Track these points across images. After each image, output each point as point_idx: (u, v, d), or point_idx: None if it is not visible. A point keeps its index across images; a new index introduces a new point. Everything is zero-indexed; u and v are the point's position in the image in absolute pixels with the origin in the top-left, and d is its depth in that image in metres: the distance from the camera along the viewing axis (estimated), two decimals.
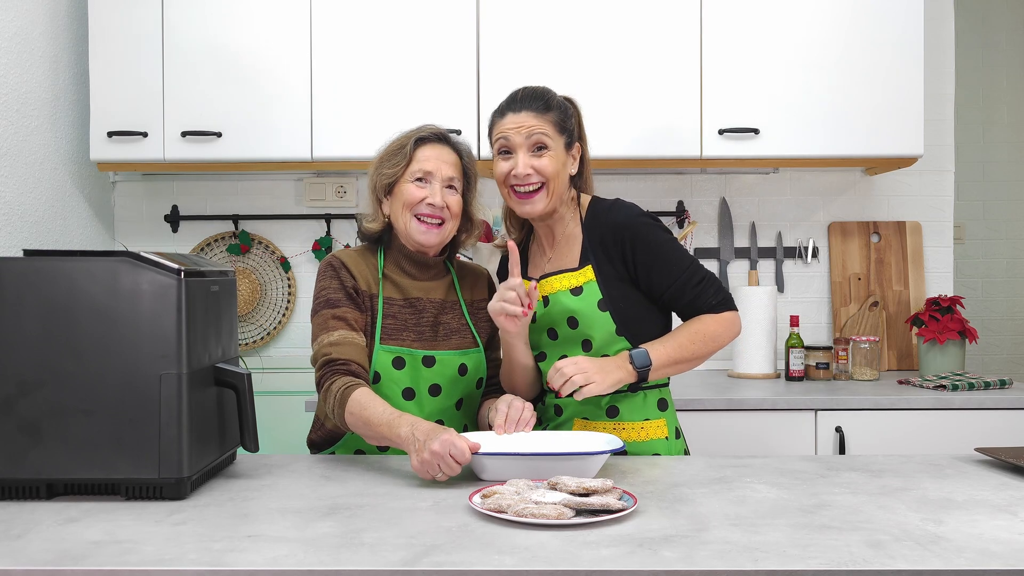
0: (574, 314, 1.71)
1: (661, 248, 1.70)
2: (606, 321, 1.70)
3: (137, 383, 1.39)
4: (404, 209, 1.74)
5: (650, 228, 1.71)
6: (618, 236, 1.70)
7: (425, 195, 1.73)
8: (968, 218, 4.12)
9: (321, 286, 1.75)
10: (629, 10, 2.71)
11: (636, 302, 1.72)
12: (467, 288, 1.87)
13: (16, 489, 1.39)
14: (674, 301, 1.72)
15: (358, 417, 1.57)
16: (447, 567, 1.07)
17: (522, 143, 1.69)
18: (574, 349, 1.73)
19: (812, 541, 1.16)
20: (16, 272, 1.39)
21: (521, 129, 1.69)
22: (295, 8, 2.72)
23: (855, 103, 2.69)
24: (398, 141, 1.79)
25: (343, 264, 1.75)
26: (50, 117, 2.70)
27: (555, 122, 1.71)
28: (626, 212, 1.73)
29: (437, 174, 1.74)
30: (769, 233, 3.12)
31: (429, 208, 1.73)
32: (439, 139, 1.79)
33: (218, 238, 3.12)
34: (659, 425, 1.75)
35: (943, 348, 2.78)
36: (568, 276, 1.73)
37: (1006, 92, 4.14)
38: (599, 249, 1.72)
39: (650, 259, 1.69)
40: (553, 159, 1.70)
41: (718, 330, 1.70)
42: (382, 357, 1.72)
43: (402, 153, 1.76)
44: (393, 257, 1.81)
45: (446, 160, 1.76)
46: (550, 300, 1.74)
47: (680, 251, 1.71)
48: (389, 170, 1.76)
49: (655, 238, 1.70)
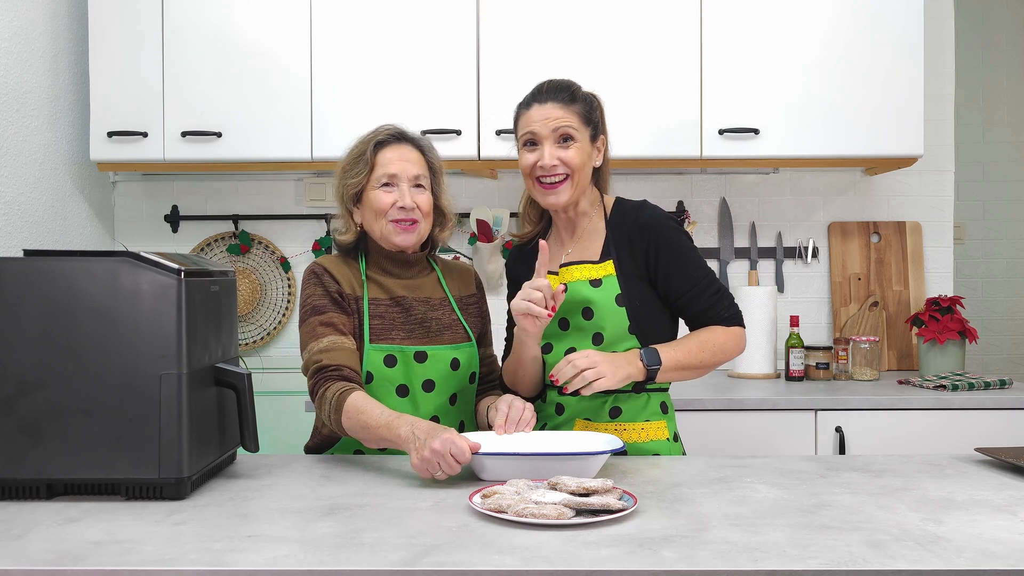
0: (591, 305, 1.71)
1: (684, 253, 1.72)
2: (621, 317, 1.70)
3: (137, 383, 1.39)
4: (377, 216, 1.73)
5: (676, 232, 1.73)
6: (644, 235, 1.72)
7: (394, 199, 1.72)
8: (968, 218, 4.12)
9: (306, 294, 1.74)
10: (629, 10, 2.71)
11: (651, 302, 1.73)
12: (454, 285, 1.87)
13: (16, 489, 1.39)
14: (688, 307, 1.73)
15: (355, 422, 1.57)
16: (447, 567, 1.07)
17: (548, 135, 1.70)
18: (583, 342, 1.72)
19: (812, 541, 1.16)
20: (16, 272, 1.39)
21: (548, 121, 1.70)
22: (295, 8, 2.72)
23: (855, 103, 2.69)
24: (357, 148, 1.77)
25: (325, 270, 1.74)
26: (50, 117, 2.70)
27: (581, 114, 1.73)
28: (654, 213, 1.76)
29: (403, 175, 1.73)
30: (769, 233, 3.12)
31: (401, 212, 1.72)
32: (398, 139, 1.78)
33: (218, 238, 3.12)
34: (660, 427, 1.75)
35: (943, 348, 2.78)
36: (589, 267, 1.74)
37: (1006, 92, 4.14)
38: (623, 245, 1.73)
39: (672, 262, 1.71)
40: (579, 151, 1.71)
41: (727, 343, 1.72)
42: (373, 356, 1.71)
43: (363, 160, 1.75)
44: (373, 260, 1.80)
45: (409, 159, 1.75)
46: (568, 288, 1.72)
47: (700, 260, 1.75)
48: (353, 179, 1.75)
49: (679, 243, 1.73)
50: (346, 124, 2.71)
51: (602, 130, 1.79)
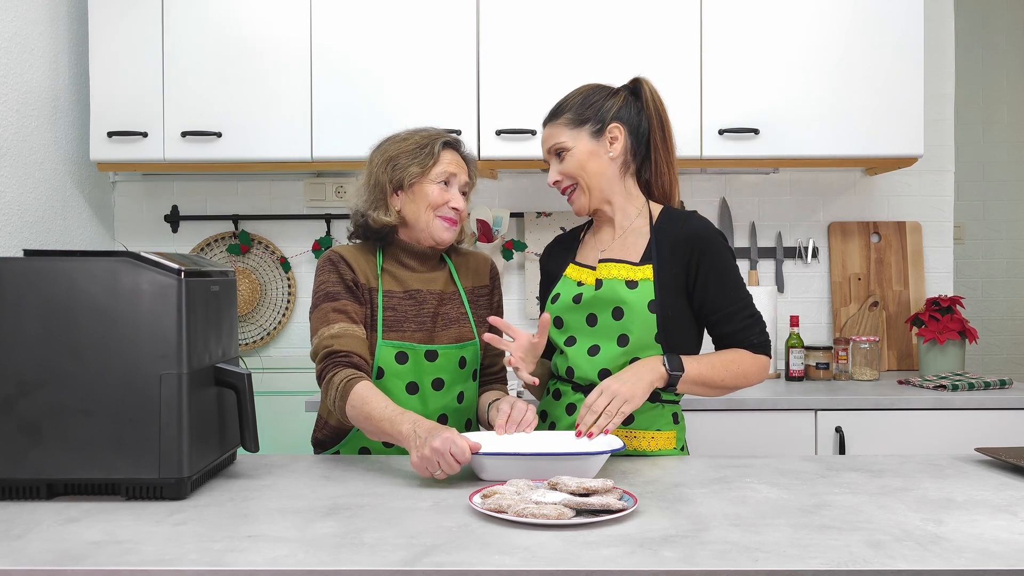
0: (623, 306, 1.68)
1: (727, 270, 1.71)
2: (651, 323, 1.67)
3: (137, 383, 1.39)
4: (427, 209, 1.77)
5: (722, 247, 1.72)
6: (690, 244, 1.69)
7: (449, 198, 1.78)
8: (968, 218, 4.12)
9: (320, 280, 1.75)
10: (629, 10, 2.71)
11: (683, 314, 1.70)
12: (467, 276, 1.88)
13: (16, 489, 1.39)
14: (719, 325, 1.72)
15: (359, 411, 1.57)
16: (447, 567, 1.07)
17: (549, 157, 1.79)
18: (609, 342, 1.70)
19: (812, 541, 1.16)
20: (16, 272, 1.39)
21: (545, 144, 1.81)
22: (295, 8, 2.72)
23: (855, 103, 2.69)
24: (417, 140, 1.80)
25: (342, 258, 1.76)
26: (50, 117, 2.70)
27: (568, 122, 1.75)
28: (704, 224, 1.74)
29: (459, 179, 1.80)
30: (769, 233, 3.12)
31: (452, 212, 1.78)
32: (456, 145, 1.85)
33: (218, 238, 3.12)
34: (669, 437, 1.73)
35: (943, 348, 2.78)
36: (627, 267, 1.72)
37: (1006, 92, 4.14)
38: (665, 253, 1.70)
39: (713, 276, 1.69)
40: (571, 157, 1.74)
41: (751, 369, 1.71)
42: (385, 352, 1.72)
43: (429, 152, 1.78)
44: (392, 252, 1.82)
45: (463, 166, 1.83)
46: (603, 284, 1.71)
47: (741, 282, 1.73)
48: (415, 168, 1.77)
49: (724, 258, 1.71)
50: (346, 124, 2.72)
51: (612, 119, 1.74)
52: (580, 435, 1.56)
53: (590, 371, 1.71)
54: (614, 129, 1.74)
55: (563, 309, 1.75)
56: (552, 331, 1.77)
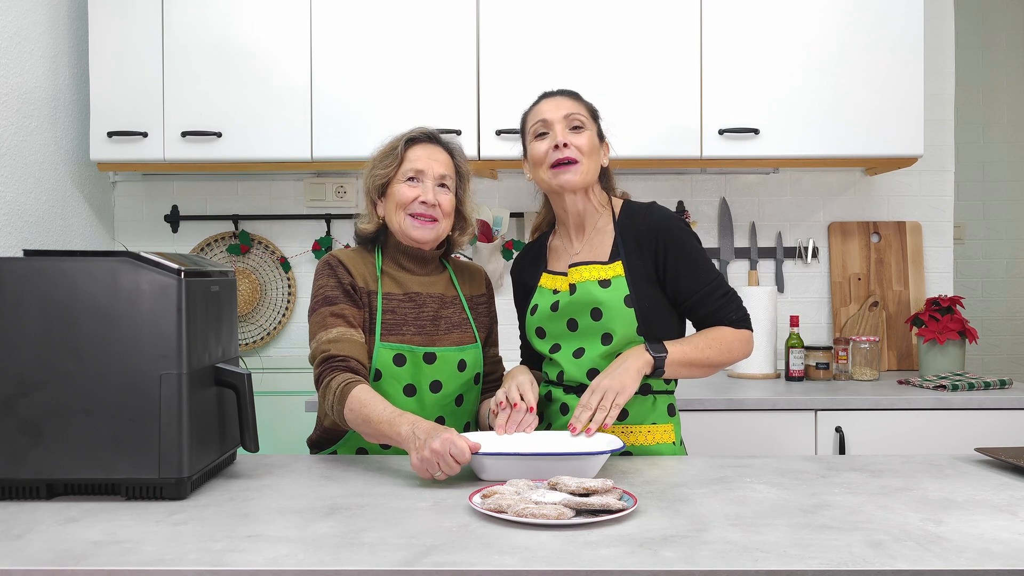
0: (600, 305, 1.71)
1: (693, 255, 1.73)
2: (630, 318, 1.70)
3: (137, 383, 1.39)
4: (398, 209, 1.77)
5: (685, 233, 1.74)
6: (653, 236, 1.72)
7: (417, 194, 1.76)
8: (968, 218, 4.12)
9: (319, 284, 1.76)
10: (629, 11, 2.71)
11: (659, 304, 1.73)
12: (465, 284, 1.89)
13: (16, 489, 1.39)
14: (696, 309, 1.74)
15: (358, 414, 1.57)
16: (447, 567, 1.07)
17: (560, 119, 1.75)
18: (592, 343, 1.72)
19: (812, 541, 1.16)
20: (16, 272, 1.39)
21: (560, 109, 1.76)
22: (295, 8, 2.72)
23: (855, 103, 2.69)
24: (390, 143, 1.83)
25: (340, 262, 1.77)
26: (50, 117, 2.70)
27: (589, 110, 1.80)
28: (664, 214, 1.77)
29: (428, 172, 1.77)
30: (769, 233, 3.12)
31: (422, 207, 1.76)
32: (429, 139, 1.83)
33: (218, 238, 3.12)
34: (666, 430, 1.75)
35: (943, 348, 2.78)
36: (598, 268, 1.74)
37: (1006, 92, 4.14)
38: (632, 247, 1.74)
39: (681, 263, 1.72)
40: (589, 139, 1.75)
41: (735, 343, 1.73)
42: (383, 354, 1.72)
43: (393, 154, 1.79)
44: (390, 255, 1.83)
45: (437, 159, 1.79)
46: (577, 288, 1.74)
47: (709, 263, 1.75)
48: (381, 171, 1.79)
49: (688, 244, 1.73)
50: (346, 124, 2.72)
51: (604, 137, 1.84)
52: (575, 431, 1.58)
53: (578, 374, 1.73)
54: (606, 146, 1.83)
55: (543, 319, 1.78)
56: (536, 341, 1.81)
